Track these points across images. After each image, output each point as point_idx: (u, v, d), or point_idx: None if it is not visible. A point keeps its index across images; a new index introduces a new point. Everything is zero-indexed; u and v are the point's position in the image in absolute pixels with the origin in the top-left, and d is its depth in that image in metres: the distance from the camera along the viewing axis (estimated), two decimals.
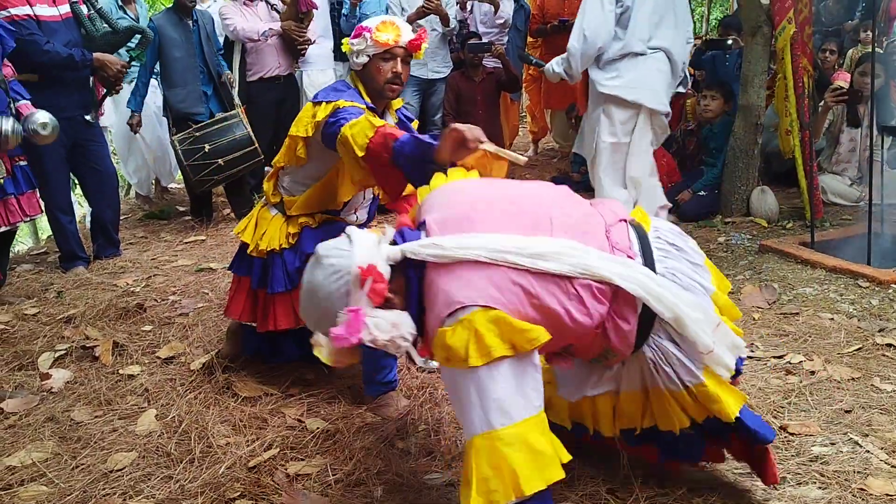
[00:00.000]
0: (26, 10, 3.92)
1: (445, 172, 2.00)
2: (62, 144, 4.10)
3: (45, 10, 4.02)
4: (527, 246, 1.61)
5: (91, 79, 4.34)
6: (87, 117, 4.27)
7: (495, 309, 1.57)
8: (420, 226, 1.76)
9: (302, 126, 2.46)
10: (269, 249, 2.64)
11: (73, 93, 4.22)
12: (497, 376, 1.57)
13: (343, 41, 2.54)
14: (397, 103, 2.73)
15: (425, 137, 2.11)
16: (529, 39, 6.90)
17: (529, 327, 1.59)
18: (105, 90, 4.45)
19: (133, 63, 4.63)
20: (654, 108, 3.92)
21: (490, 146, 2.00)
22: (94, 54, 4.14)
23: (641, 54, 3.86)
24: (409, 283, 1.69)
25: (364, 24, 2.48)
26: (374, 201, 2.86)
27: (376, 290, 1.61)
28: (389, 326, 1.61)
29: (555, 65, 4.00)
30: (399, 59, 2.48)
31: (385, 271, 1.64)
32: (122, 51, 4.69)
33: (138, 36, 4.55)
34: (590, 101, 4.13)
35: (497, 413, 1.56)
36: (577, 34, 3.83)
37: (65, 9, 4.15)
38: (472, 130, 1.96)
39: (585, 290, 1.65)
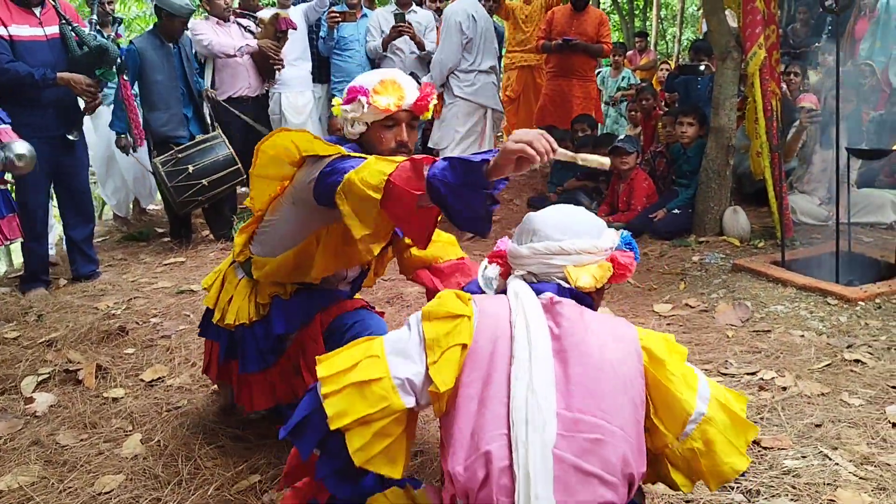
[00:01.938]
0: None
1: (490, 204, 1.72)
2: (43, 168, 4.09)
3: (23, 31, 4.03)
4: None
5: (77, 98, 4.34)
6: (70, 136, 4.27)
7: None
8: None
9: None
10: (237, 323, 2.31)
11: (54, 113, 4.22)
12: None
13: (333, 102, 2.19)
14: None
15: (470, 157, 1.65)
16: (535, 56, 7.05)
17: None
18: (83, 108, 4.45)
19: (102, 80, 4.54)
20: (494, 108, 5.62)
21: (564, 154, 1.72)
22: (57, 73, 4.08)
23: (483, 71, 5.46)
24: None
25: (357, 83, 2.07)
26: (360, 276, 2.49)
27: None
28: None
29: (427, 79, 5.40)
30: (404, 123, 2.10)
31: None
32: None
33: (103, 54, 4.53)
34: (446, 101, 5.51)
35: None
36: (436, 58, 5.42)
37: (52, 29, 4.16)
38: (539, 140, 1.60)
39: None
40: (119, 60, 4.52)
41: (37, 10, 4.12)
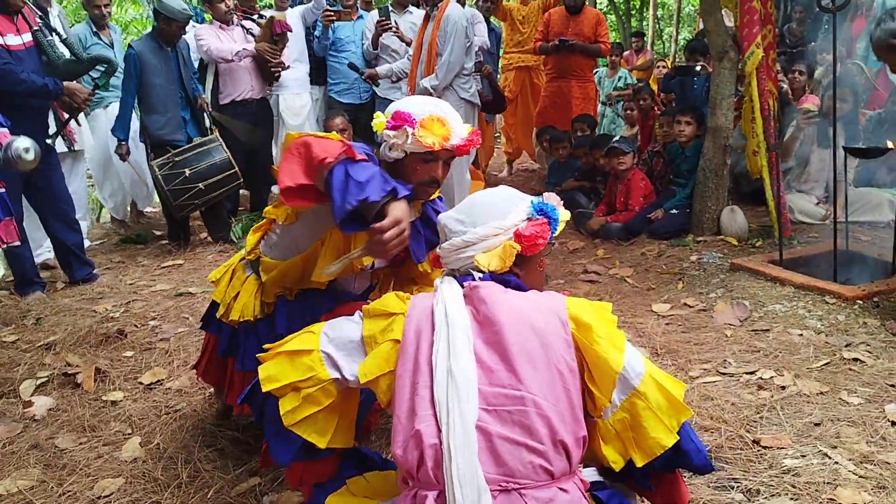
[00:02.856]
0: None
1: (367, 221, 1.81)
2: (19, 174, 4.09)
3: (12, 40, 4.07)
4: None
5: (52, 105, 4.37)
6: (48, 141, 4.27)
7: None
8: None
9: None
10: (242, 320, 2.34)
11: (33, 120, 4.22)
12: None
13: (374, 116, 2.11)
14: None
15: (383, 186, 1.78)
16: (533, 57, 7.08)
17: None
18: (67, 116, 4.47)
19: (99, 90, 4.60)
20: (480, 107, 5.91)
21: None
22: (64, 83, 4.16)
23: (473, 74, 5.67)
24: None
25: (405, 108, 2.03)
26: (366, 291, 2.51)
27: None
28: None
29: (426, 82, 5.37)
30: (441, 161, 2.08)
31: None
32: (87, 77, 4.79)
33: (104, 65, 4.56)
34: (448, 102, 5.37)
35: None
36: (446, 59, 5.34)
37: (27, 37, 4.20)
38: (392, 241, 1.77)
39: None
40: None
41: (14, 19, 4.15)
